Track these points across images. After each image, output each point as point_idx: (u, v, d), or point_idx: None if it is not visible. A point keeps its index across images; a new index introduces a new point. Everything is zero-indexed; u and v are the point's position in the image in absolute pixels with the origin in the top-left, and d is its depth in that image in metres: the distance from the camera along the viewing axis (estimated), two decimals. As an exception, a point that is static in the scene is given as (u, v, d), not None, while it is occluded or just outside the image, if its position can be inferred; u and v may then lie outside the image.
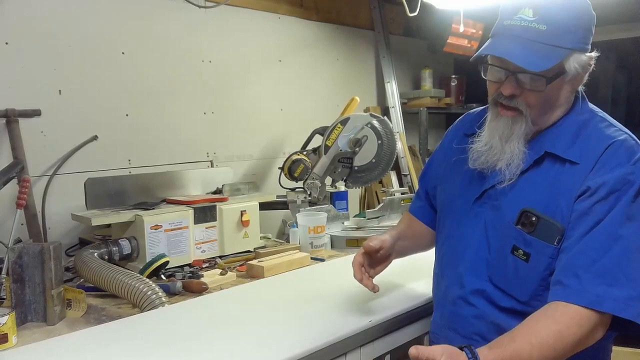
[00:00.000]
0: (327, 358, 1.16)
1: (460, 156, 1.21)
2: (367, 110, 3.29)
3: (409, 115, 3.51)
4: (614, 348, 1.15)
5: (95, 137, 2.11)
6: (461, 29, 3.09)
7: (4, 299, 1.51)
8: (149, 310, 1.41)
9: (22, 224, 1.85)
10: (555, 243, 1.04)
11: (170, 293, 1.62)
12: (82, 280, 1.73)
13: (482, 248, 1.14)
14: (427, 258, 1.37)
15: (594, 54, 1.11)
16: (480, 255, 1.14)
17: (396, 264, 1.36)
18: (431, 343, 1.27)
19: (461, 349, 0.94)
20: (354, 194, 3.10)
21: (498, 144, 1.11)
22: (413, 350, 0.93)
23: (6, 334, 1.27)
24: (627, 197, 1.00)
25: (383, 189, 2.93)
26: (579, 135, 1.10)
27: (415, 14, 2.57)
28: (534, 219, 1.06)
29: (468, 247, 1.16)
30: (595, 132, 1.09)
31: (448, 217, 1.25)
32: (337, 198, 2.53)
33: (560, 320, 0.96)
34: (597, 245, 1.00)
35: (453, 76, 3.89)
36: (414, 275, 1.55)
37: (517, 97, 1.08)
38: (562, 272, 1.01)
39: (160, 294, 1.47)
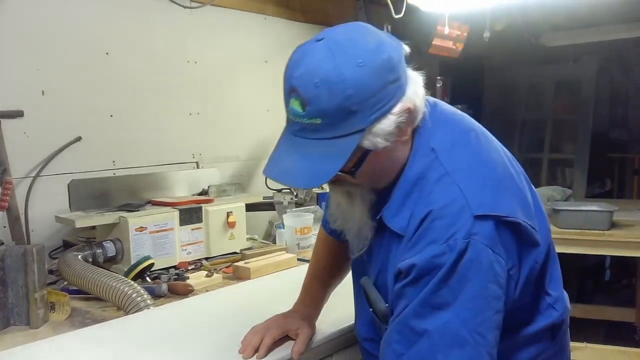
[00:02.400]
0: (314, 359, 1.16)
1: None
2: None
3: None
4: (601, 346, 1.16)
5: (79, 138, 2.09)
6: (446, 30, 3.11)
7: (-15, 302, 1.48)
8: (134, 312, 1.40)
9: (4, 227, 1.82)
10: (384, 324, 0.95)
11: (156, 295, 1.61)
12: (65, 283, 1.71)
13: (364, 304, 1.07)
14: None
15: (407, 101, 0.90)
16: (366, 311, 1.07)
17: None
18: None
19: None
20: (341, 195, 3.10)
21: (342, 215, 1.02)
22: None
23: (-12, 338, 1.25)
24: (434, 282, 0.85)
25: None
26: (410, 195, 0.93)
27: (401, 15, 2.59)
28: (367, 294, 1.00)
29: (358, 305, 1.14)
30: (423, 193, 0.92)
31: (353, 258, 1.11)
32: (323, 199, 2.54)
33: None
34: (402, 337, 0.88)
35: (438, 77, 3.91)
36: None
37: (338, 182, 0.95)
38: None
39: (145, 296, 1.46)
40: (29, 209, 1.94)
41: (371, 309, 1.01)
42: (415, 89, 0.93)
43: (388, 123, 0.88)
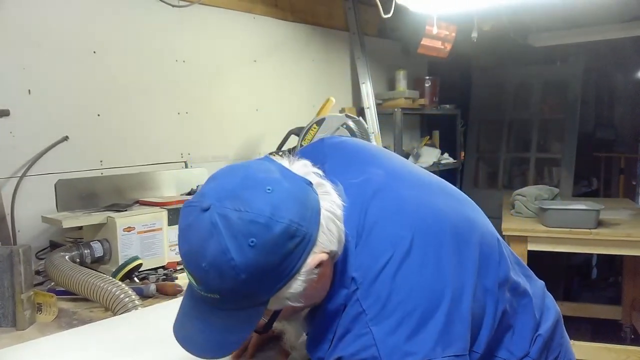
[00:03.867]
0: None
1: None
2: (342, 110, 3.31)
3: (383, 116, 3.54)
4: (588, 344, 1.17)
5: (66, 138, 2.07)
6: (435, 30, 3.13)
7: (-30, 304, 1.47)
8: (122, 313, 1.39)
9: (-11, 227, 1.80)
10: None
11: (144, 296, 1.60)
12: (52, 283, 1.69)
13: None
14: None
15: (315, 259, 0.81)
16: None
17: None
18: None
19: None
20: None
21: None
22: None
23: (-27, 340, 1.24)
24: None
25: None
26: (329, 330, 0.88)
27: (390, 15, 2.60)
28: None
29: None
30: (339, 332, 0.86)
31: None
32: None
33: None
34: None
35: (427, 77, 3.93)
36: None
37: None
38: None
39: (133, 297, 1.45)
40: (15, 209, 1.92)
41: None
42: (329, 212, 0.83)
43: (296, 285, 0.81)
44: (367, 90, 3.44)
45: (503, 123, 4.95)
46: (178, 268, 1.90)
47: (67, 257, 1.70)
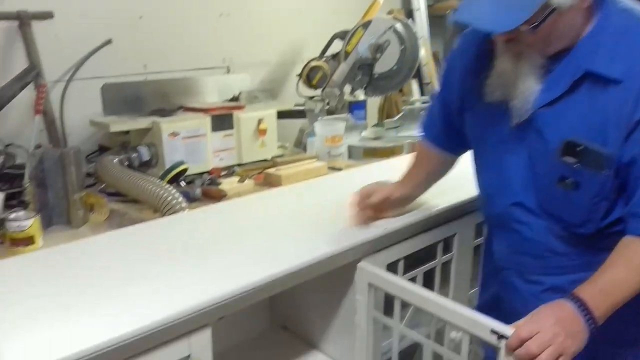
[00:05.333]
0: (339, 263, 1.18)
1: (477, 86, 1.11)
2: (390, 12, 3.13)
3: (434, 19, 3.34)
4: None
5: (109, 41, 2.06)
6: None
7: (28, 203, 1.55)
8: (170, 215, 1.44)
9: (41, 130, 1.86)
10: (604, 171, 0.97)
11: (190, 199, 1.65)
12: (103, 185, 1.76)
13: (528, 177, 1.07)
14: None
15: None
16: (527, 185, 1.08)
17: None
18: (502, 270, 1.21)
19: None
20: (373, 103, 3.03)
21: (503, 83, 1.03)
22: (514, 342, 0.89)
23: (32, 236, 1.32)
24: None
25: (403, 98, 2.87)
26: (619, 45, 0.95)
27: None
28: (578, 149, 0.98)
29: (513, 176, 1.09)
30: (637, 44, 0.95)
31: (485, 144, 1.16)
32: (355, 107, 2.49)
33: None
34: None
35: (483, -23, 3.64)
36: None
37: (514, 40, 0.98)
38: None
39: (179, 199, 1.49)
40: (64, 113, 1.97)
41: (577, 164, 1.00)
42: None
43: None
44: (417, -9, 3.23)
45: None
46: (222, 174, 1.93)
47: (116, 160, 1.75)
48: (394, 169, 1.39)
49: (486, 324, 0.95)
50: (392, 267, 1.29)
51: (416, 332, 1.19)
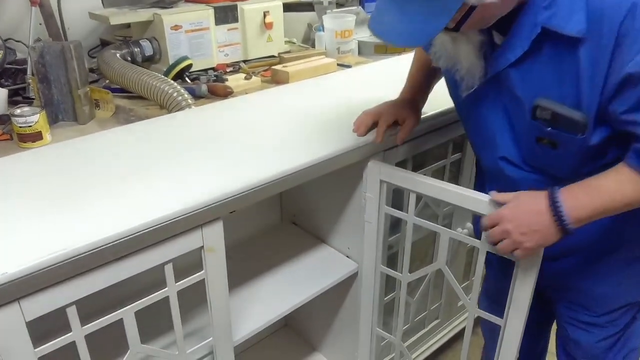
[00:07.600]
0: (348, 162, 1.18)
1: None
2: None
3: None
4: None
5: None
6: None
7: (33, 99, 1.53)
8: (176, 111, 1.43)
9: (40, 24, 1.79)
10: (578, 135, 0.91)
11: (196, 96, 1.62)
12: (107, 81, 1.73)
13: (510, 133, 1.03)
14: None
15: None
16: (510, 141, 1.03)
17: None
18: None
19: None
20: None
21: (447, 54, 0.98)
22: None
23: (40, 131, 1.31)
24: None
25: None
26: (575, 1, 0.84)
27: None
28: (549, 112, 0.92)
29: (497, 131, 1.04)
30: None
31: (462, 101, 1.08)
32: (366, 0, 2.37)
33: None
34: None
35: None
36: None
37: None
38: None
39: (186, 95, 1.47)
40: (62, 5, 1.88)
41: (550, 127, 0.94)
42: None
43: None
44: None
45: None
46: (228, 70, 1.88)
47: (118, 54, 1.70)
48: (405, 66, 1.35)
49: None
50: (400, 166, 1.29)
51: (430, 223, 1.20)
